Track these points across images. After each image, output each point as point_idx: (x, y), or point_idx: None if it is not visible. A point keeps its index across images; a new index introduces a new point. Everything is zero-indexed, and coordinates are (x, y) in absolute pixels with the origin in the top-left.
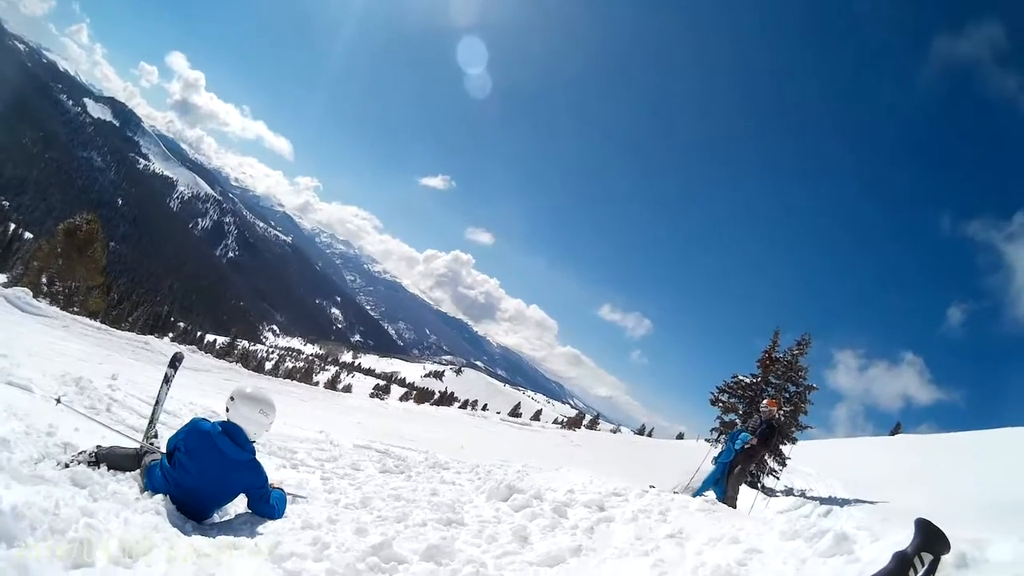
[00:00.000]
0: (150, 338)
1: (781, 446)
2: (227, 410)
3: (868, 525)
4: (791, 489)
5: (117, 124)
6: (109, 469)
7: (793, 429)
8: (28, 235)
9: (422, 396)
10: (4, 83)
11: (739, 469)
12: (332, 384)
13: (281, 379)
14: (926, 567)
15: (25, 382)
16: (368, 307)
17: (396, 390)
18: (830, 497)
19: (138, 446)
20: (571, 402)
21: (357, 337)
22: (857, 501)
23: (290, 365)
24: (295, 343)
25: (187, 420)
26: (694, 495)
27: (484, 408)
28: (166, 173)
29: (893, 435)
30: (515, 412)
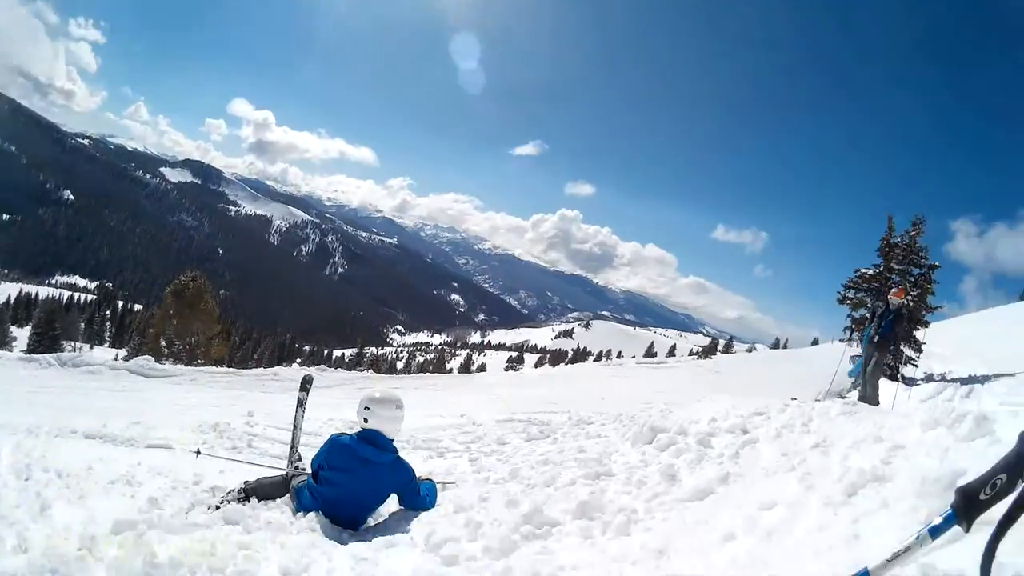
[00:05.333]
0: (278, 368)
1: (915, 332)
2: (364, 419)
3: (1010, 400)
4: (931, 375)
5: (199, 182)
6: (260, 500)
7: (923, 312)
8: (138, 307)
9: (556, 358)
10: (79, 179)
11: (874, 363)
12: (466, 367)
13: (414, 375)
14: None
15: (163, 441)
16: (486, 285)
17: (529, 358)
18: (970, 376)
19: (284, 472)
20: (702, 331)
21: (482, 316)
22: (998, 376)
23: (421, 359)
24: (422, 337)
25: (327, 437)
26: (850, 374)
27: (619, 355)
28: (259, 212)
29: (1023, 299)
30: (649, 353)
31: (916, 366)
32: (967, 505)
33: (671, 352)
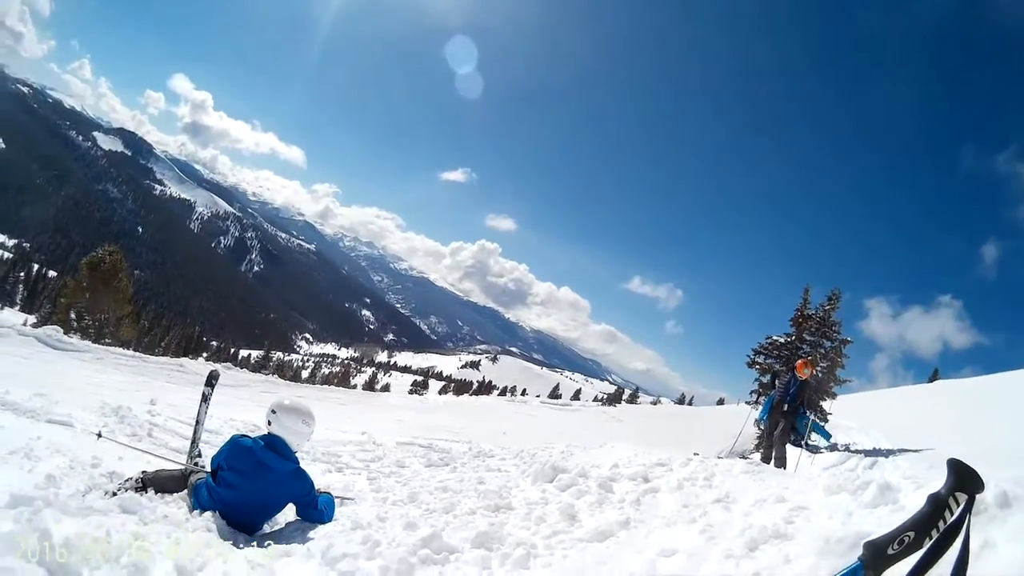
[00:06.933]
0: (184, 360)
1: (821, 402)
2: (268, 423)
3: (913, 474)
4: (835, 444)
5: (129, 154)
6: (156, 493)
7: (831, 384)
8: (52, 273)
9: (460, 387)
10: (13, 127)
11: (781, 428)
12: (370, 385)
13: (318, 386)
14: (962, 507)
15: (65, 418)
16: (398, 305)
17: (434, 384)
18: (874, 449)
19: (183, 467)
20: (609, 378)
21: (390, 336)
22: (901, 451)
23: (326, 371)
24: (329, 349)
25: (228, 437)
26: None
27: (523, 393)
28: (183, 196)
29: (931, 382)
30: (554, 394)
31: None
32: (875, 559)
33: (576, 396)
